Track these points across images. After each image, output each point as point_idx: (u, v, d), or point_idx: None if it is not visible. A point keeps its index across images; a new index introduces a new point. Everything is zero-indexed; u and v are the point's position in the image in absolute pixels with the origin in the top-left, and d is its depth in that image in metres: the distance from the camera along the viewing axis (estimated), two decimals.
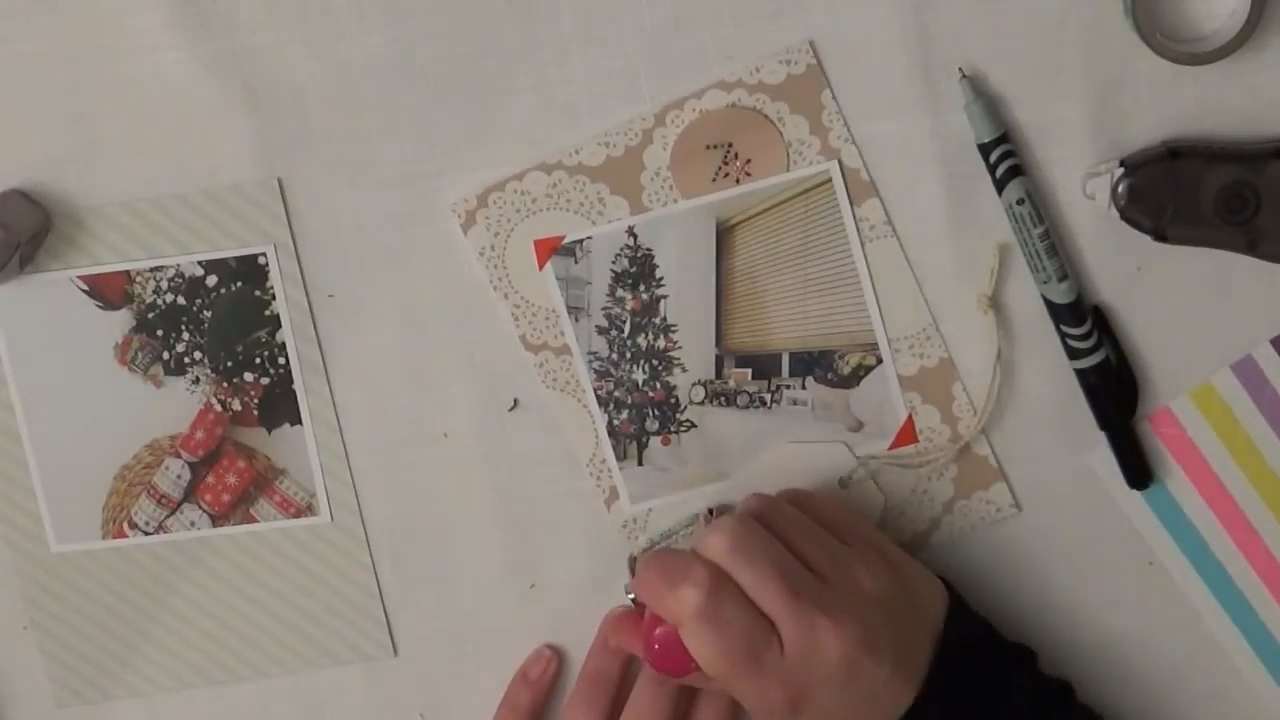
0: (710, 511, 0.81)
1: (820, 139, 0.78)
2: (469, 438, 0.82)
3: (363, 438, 0.82)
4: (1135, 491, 0.80)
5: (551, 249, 0.80)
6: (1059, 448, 0.80)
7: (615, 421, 0.81)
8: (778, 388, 0.81)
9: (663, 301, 0.80)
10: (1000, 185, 0.77)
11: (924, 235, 0.79)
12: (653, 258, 0.80)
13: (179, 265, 0.81)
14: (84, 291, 0.81)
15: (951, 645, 0.74)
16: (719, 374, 0.81)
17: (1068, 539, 0.81)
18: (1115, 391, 0.78)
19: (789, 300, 0.80)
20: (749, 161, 0.79)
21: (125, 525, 0.83)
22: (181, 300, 0.81)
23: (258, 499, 0.83)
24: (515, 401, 0.81)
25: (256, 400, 0.82)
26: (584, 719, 0.80)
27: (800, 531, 0.74)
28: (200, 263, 0.81)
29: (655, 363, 0.81)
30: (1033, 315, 0.79)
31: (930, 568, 0.77)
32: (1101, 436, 0.79)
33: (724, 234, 0.79)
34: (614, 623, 0.81)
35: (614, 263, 0.80)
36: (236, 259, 0.81)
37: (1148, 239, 0.77)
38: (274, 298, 0.81)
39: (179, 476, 0.83)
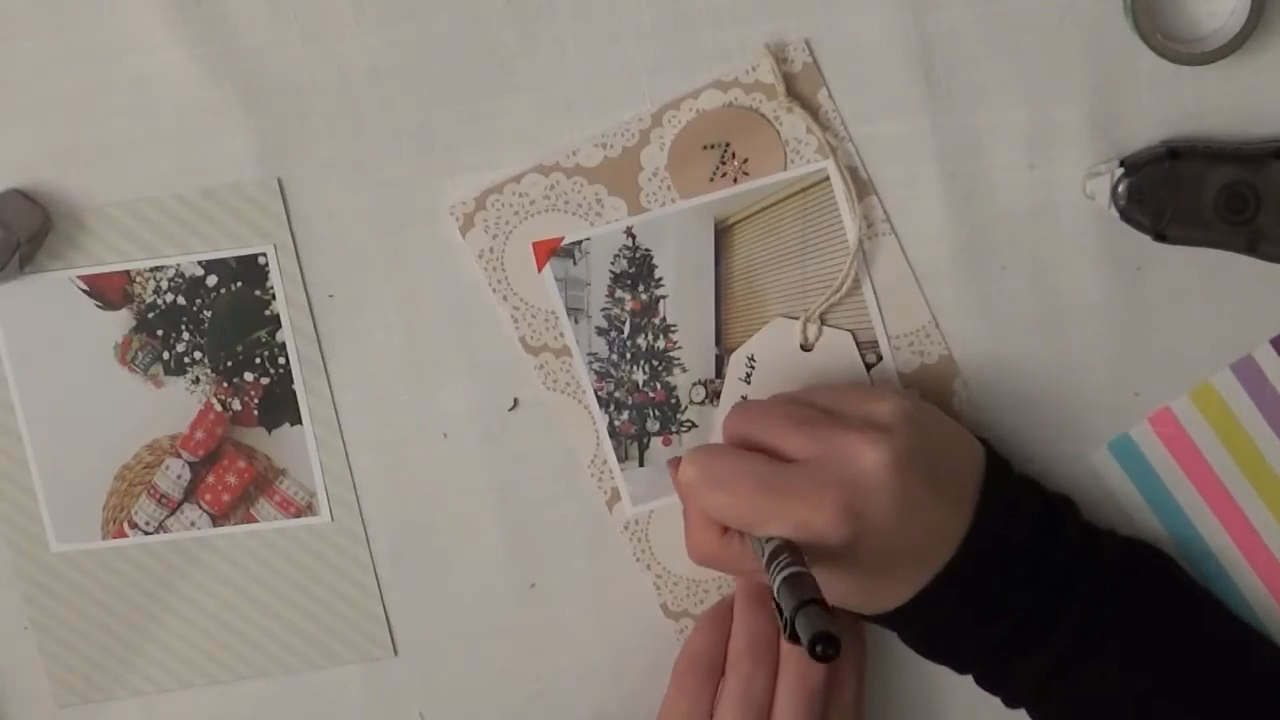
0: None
1: (817, 137, 0.78)
2: (469, 438, 0.82)
3: (363, 438, 0.82)
4: (1136, 490, 0.80)
5: (550, 251, 0.80)
6: (1060, 447, 0.80)
7: (616, 422, 0.81)
8: None
9: (662, 302, 0.80)
10: None
11: (924, 233, 0.79)
12: (651, 258, 0.80)
13: (179, 265, 0.81)
14: (84, 291, 0.81)
15: (995, 482, 0.73)
16: (719, 373, 0.81)
17: None
18: None
19: (789, 299, 0.80)
20: (746, 161, 0.79)
21: (125, 525, 0.83)
22: (181, 300, 0.81)
23: (258, 499, 0.83)
24: (515, 401, 0.81)
25: (256, 400, 0.82)
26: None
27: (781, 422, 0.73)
28: (200, 263, 0.81)
29: (655, 363, 0.81)
30: (1035, 315, 0.79)
31: None
32: (1104, 437, 0.79)
33: (722, 233, 0.79)
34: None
35: (613, 264, 0.80)
36: (236, 259, 0.81)
37: (1148, 239, 0.77)
38: (274, 298, 0.81)
39: (179, 476, 0.83)
